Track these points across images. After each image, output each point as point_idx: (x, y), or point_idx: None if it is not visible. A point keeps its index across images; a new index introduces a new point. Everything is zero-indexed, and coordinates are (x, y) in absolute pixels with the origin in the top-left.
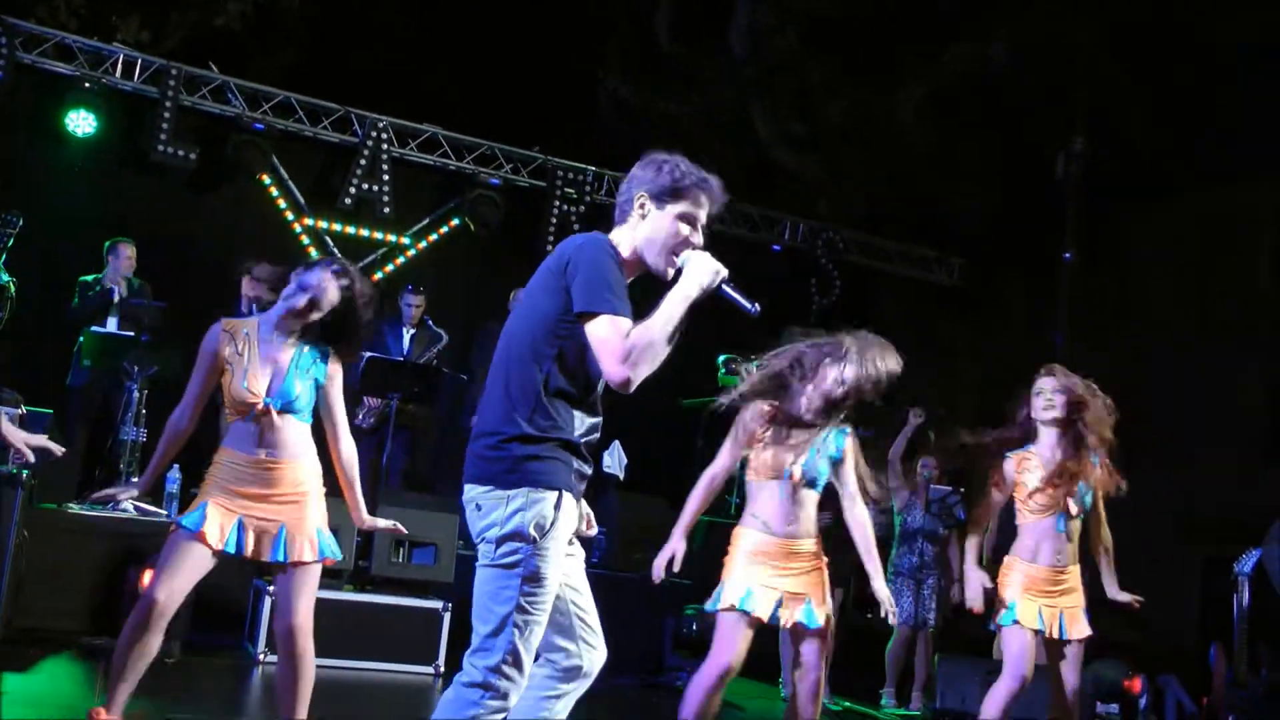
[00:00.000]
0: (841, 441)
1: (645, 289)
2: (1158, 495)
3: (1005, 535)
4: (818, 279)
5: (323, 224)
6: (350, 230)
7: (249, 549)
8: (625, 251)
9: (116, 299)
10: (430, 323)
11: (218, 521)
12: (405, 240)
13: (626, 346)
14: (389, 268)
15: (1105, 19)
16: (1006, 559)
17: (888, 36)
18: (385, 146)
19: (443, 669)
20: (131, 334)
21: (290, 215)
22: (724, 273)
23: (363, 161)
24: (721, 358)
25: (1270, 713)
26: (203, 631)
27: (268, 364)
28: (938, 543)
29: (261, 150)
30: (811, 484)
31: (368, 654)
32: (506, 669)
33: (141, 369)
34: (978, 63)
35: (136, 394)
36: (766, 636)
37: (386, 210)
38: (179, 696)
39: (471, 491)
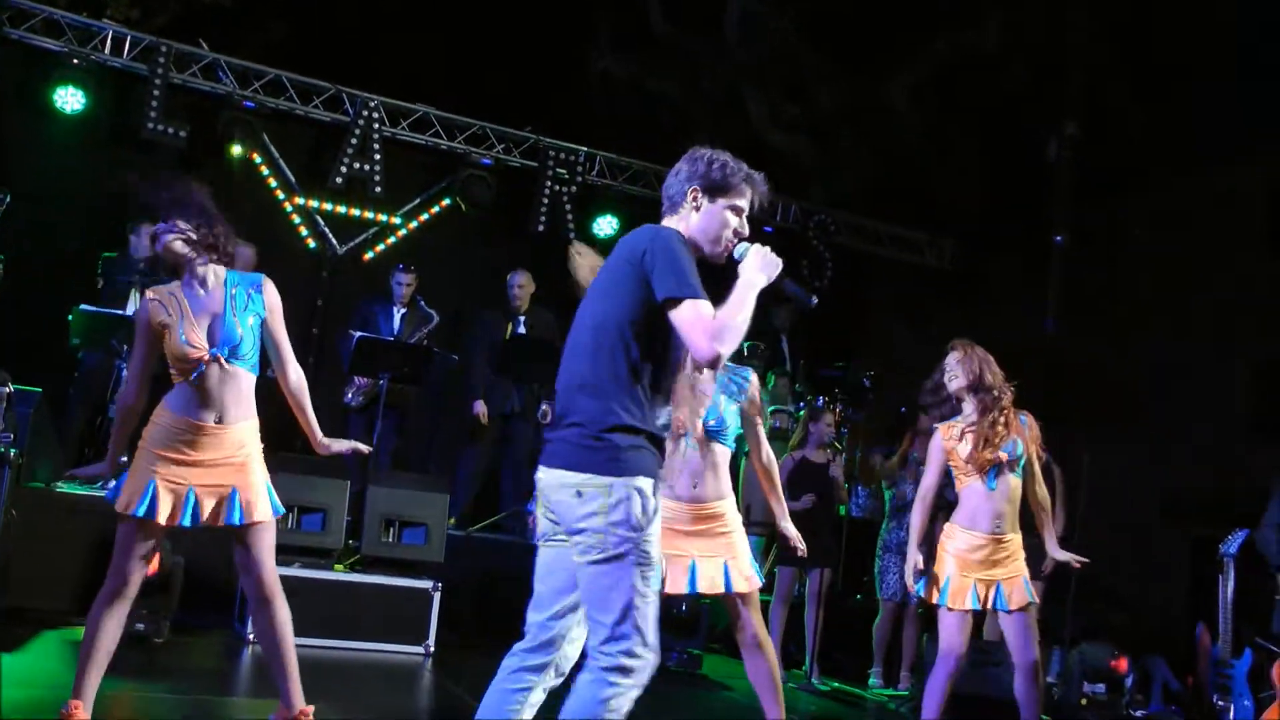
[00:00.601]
0: (745, 384)
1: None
2: (1146, 476)
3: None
4: (810, 261)
5: (313, 203)
6: (341, 210)
7: (204, 517)
8: None
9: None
10: (421, 303)
11: (169, 501)
12: (396, 220)
13: (715, 326)
14: (380, 247)
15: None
16: (947, 525)
17: (882, 21)
18: (376, 126)
19: (433, 649)
20: (120, 312)
21: (281, 194)
22: (781, 266)
23: (354, 141)
24: None
25: (1253, 690)
26: (191, 611)
27: (204, 315)
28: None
29: (252, 128)
30: (717, 435)
31: (357, 634)
32: (639, 650)
33: (131, 346)
34: (971, 46)
35: (126, 372)
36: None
37: (378, 190)
38: (167, 676)
39: (567, 477)
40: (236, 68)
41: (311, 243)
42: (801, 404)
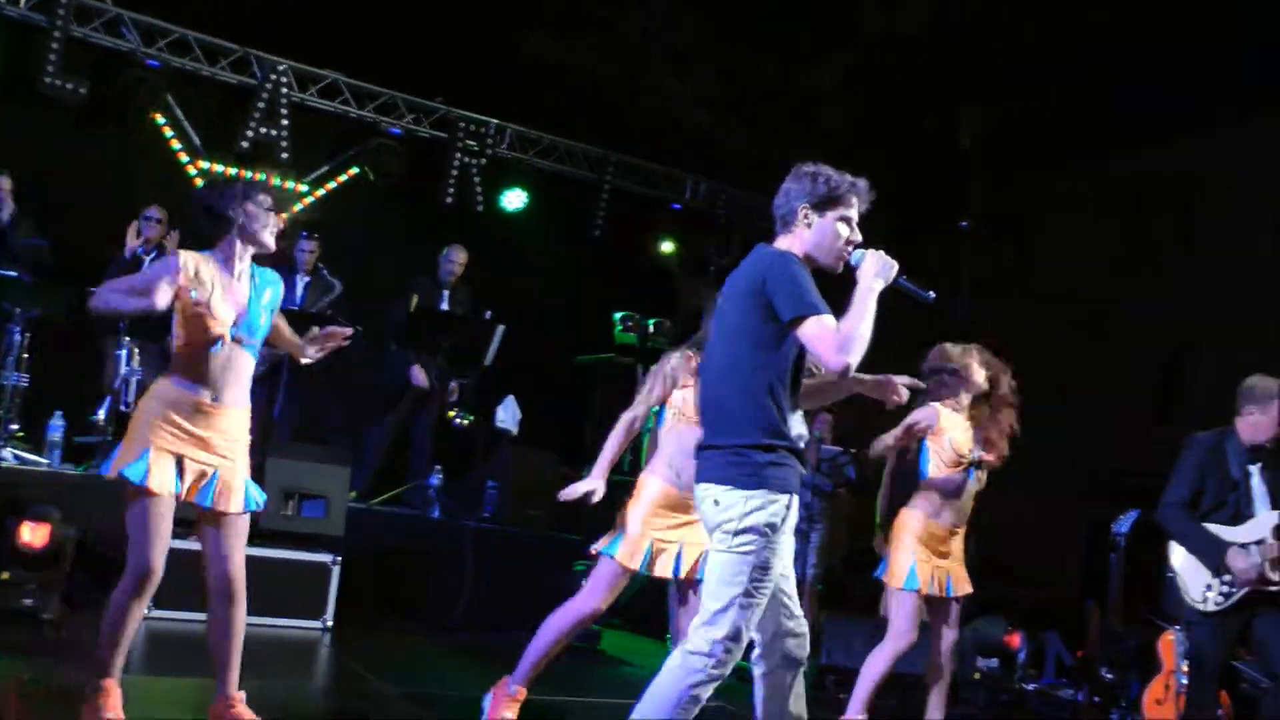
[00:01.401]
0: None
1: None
2: (1053, 457)
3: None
4: (717, 239)
5: (218, 167)
6: (246, 175)
7: (184, 492)
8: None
9: None
10: (324, 271)
11: (162, 468)
12: (303, 187)
13: (839, 338)
14: (285, 214)
15: None
16: (908, 511)
17: (801, 2)
18: (285, 91)
19: (331, 623)
20: (14, 274)
21: (184, 156)
22: (897, 267)
23: (261, 105)
24: (617, 315)
25: (1141, 663)
26: (83, 586)
27: (230, 297)
28: (825, 498)
29: (156, 88)
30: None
31: (254, 608)
32: (729, 643)
33: (24, 310)
34: (889, 29)
35: (19, 337)
36: (657, 593)
37: (284, 155)
38: (59, 654)
39: (710, 490)
40: (141, 24)
41: None
42: None
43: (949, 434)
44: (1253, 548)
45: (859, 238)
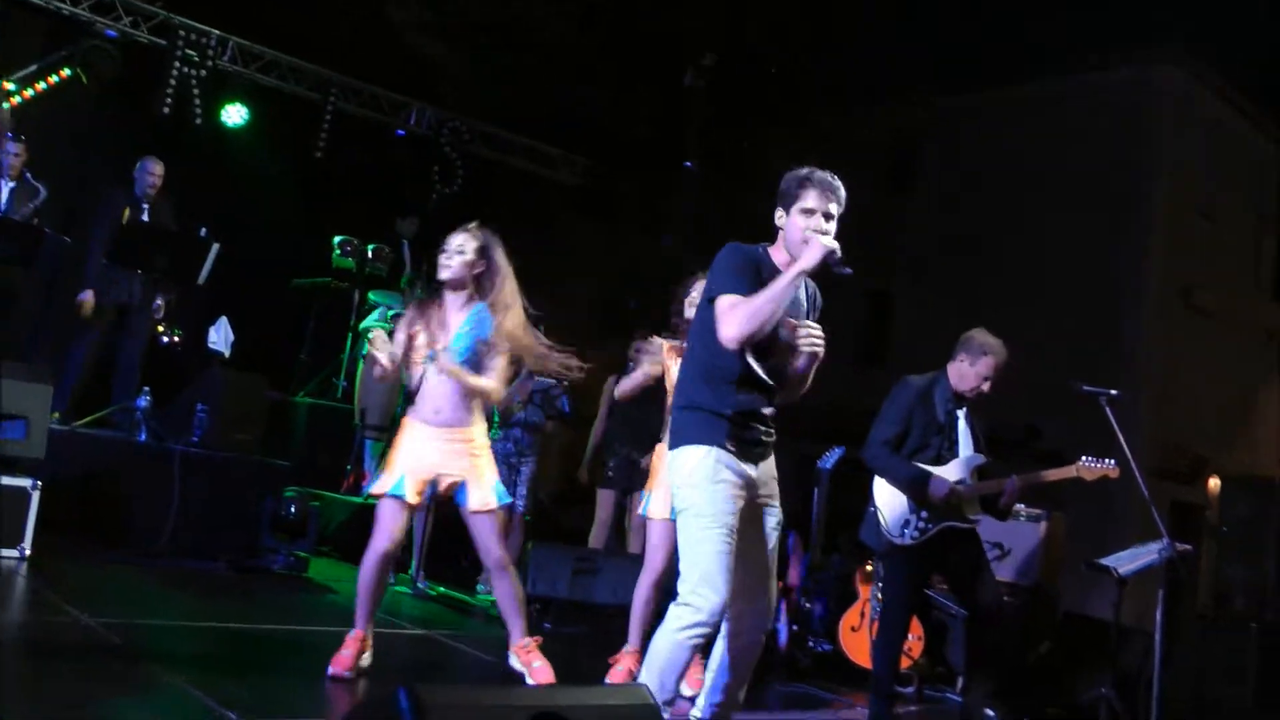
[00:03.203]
0: (488, 324)
1: None
2: None
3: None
4: (441, 167)
5: None
6: None
7: None
8: (783, 256)
9: None
10: (29, 176)
11: None
12: (10, 86)
13: (727, 314)
14: None
15: None
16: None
17: None
18: None
19: (29, 551)
20: None
21: None
22: (837, 254)
23: None
24: (336, 239)
25: (839, 593)
26: None
27: None
28: (536, 432)
29: None
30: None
31: None
32: (697, 589)
33: None
34: None
35: None
36: (362, 523)
37: None
38: None
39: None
40: None
41: None
42: None
43: (671, 365)
44: (955, 487)
45: (823, 225)
